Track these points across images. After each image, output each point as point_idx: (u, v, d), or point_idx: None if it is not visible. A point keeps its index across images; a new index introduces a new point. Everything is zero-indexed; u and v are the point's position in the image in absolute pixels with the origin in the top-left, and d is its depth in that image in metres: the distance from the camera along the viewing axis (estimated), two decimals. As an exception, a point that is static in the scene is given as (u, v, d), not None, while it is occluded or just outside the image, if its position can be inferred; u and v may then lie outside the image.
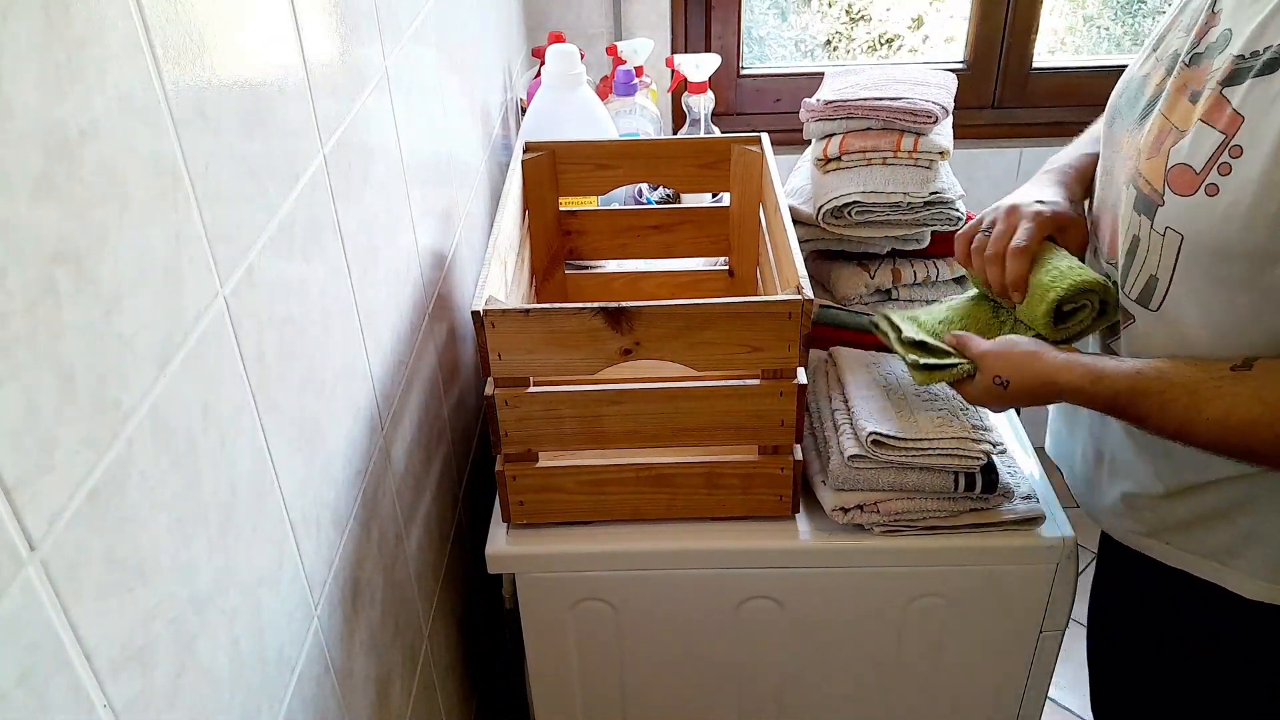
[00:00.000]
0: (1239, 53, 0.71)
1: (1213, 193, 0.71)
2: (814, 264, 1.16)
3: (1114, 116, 0.88)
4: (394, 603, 0.87)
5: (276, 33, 0.63)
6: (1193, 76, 0.76)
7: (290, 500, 0.64)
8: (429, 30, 1.02)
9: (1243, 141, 0.69)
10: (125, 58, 0.45)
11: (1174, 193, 0.74)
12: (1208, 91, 0.73)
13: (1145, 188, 0.77)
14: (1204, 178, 0.71)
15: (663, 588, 1.00)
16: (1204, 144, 0.71)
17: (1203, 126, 0.72)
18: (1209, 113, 0.72)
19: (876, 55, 2.18)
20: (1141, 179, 0.78)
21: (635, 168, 1.17)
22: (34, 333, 0.38)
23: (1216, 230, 0.71)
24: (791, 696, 1.08)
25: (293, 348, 0.65)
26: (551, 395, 0.89)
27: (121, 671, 0.44)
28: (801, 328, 0.85)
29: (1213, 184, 0.71)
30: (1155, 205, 0.76)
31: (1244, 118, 0.69)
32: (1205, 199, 0.71)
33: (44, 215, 0.39)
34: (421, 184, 0.97)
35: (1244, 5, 0.73)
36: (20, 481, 0.38)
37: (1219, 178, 0.70)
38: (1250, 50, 0.70)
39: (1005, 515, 0.94)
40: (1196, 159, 0.72)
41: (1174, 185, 0.74)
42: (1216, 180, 0.71)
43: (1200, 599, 0.84)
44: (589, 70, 1.41)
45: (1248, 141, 0.69)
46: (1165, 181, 0.74)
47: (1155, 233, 0.76)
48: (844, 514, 0.94)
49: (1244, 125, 0.69)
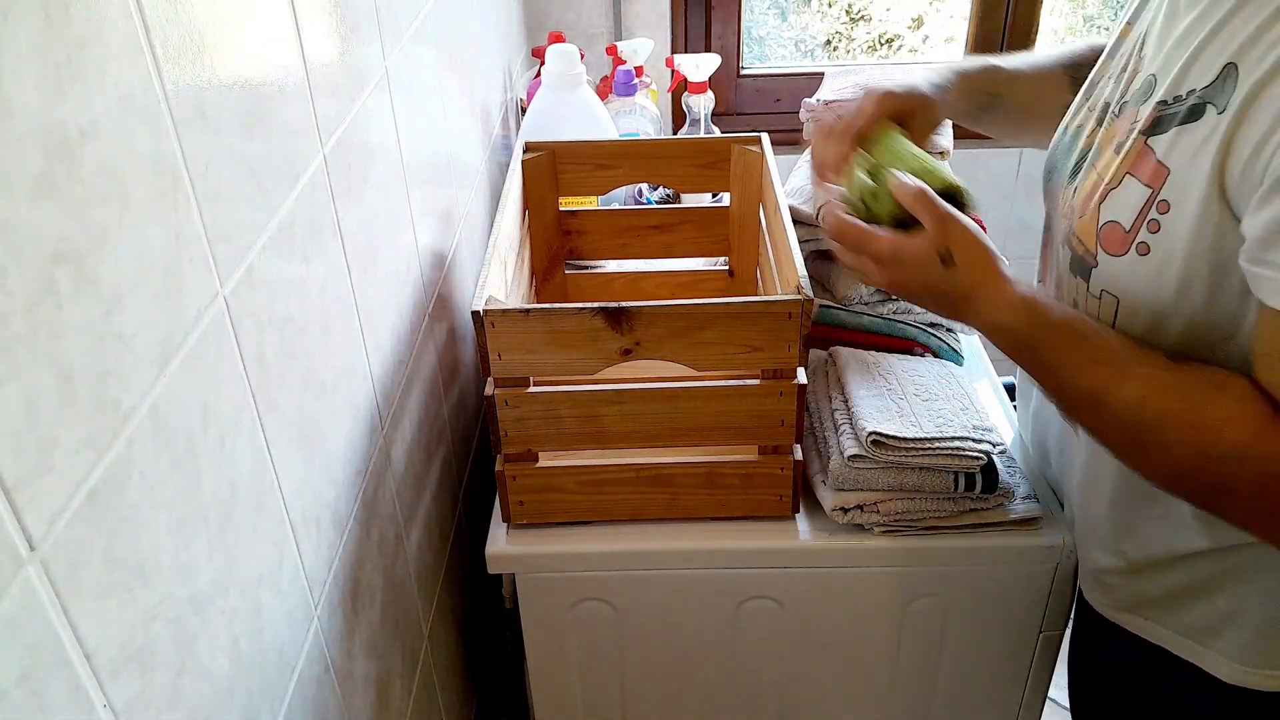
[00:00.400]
0: (1162, 99, 0.66)
1: (1144, 252, 0.66)
2: (814, 264, 1.16)
3: (1050, 170, 0.83)
4: (394, 603, 0.87)
5: (276, 33, 0.63)
6: (1119, 127, 0.71)
7: (290, 500, 0.64)
8: (429, 30, 1.02)
9: (1170, 196, 0.64)
10: (125, 58, 0.45)
11: (1106, 253, 0.69)
12: (1131, 141, 0.68)
13: (1079, 248, 0.72)
14: (1134, 236, 0.66)
15: (663, 588, 1.00)
16: (1131, 199, 0.66)
17: (1130, 180, 0.67)
18: (1135, 165, 0.67)
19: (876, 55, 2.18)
20: (1075, 239, 0.73)
21: (635, 168, 1.17)
22: (34, 333, 0.38)
23: (1151, 293, 0.66)
24: (791, 696, 1.08)
25: (293, 348, 0.65)
26: (551, 395, 0.89)
27: (121, 671, 0.44)
28: (801, 328, 0.85)
29: (1143, 242, 0.66)
30: (1089, 267, 0.71)
31: (1169, 169, 0.64)
32: (1137, 259, 0.66)
33: (44, 215, 0.39)
34: (421, 184, 0.98)
35: (1167, 49, 0.67)
36: (20, 481, 0.38)
37: (1149, 235, 0.65)
38: (1173, 95, 0.65)
39: (1005, 516, 0.94)
40: (1125, 216, 0.67)
41: (1106, 245, 0.69)
42: (1147, 238, 0.65)
43: (1178, 675, 0.78)
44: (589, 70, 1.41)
45: (1175, 196, 0.63)
46: (1097, 241, 0.69)
47: (1092, 296, 0.71)
48: (844, 514, 0.94)
49: (1170, 178, 0.64)
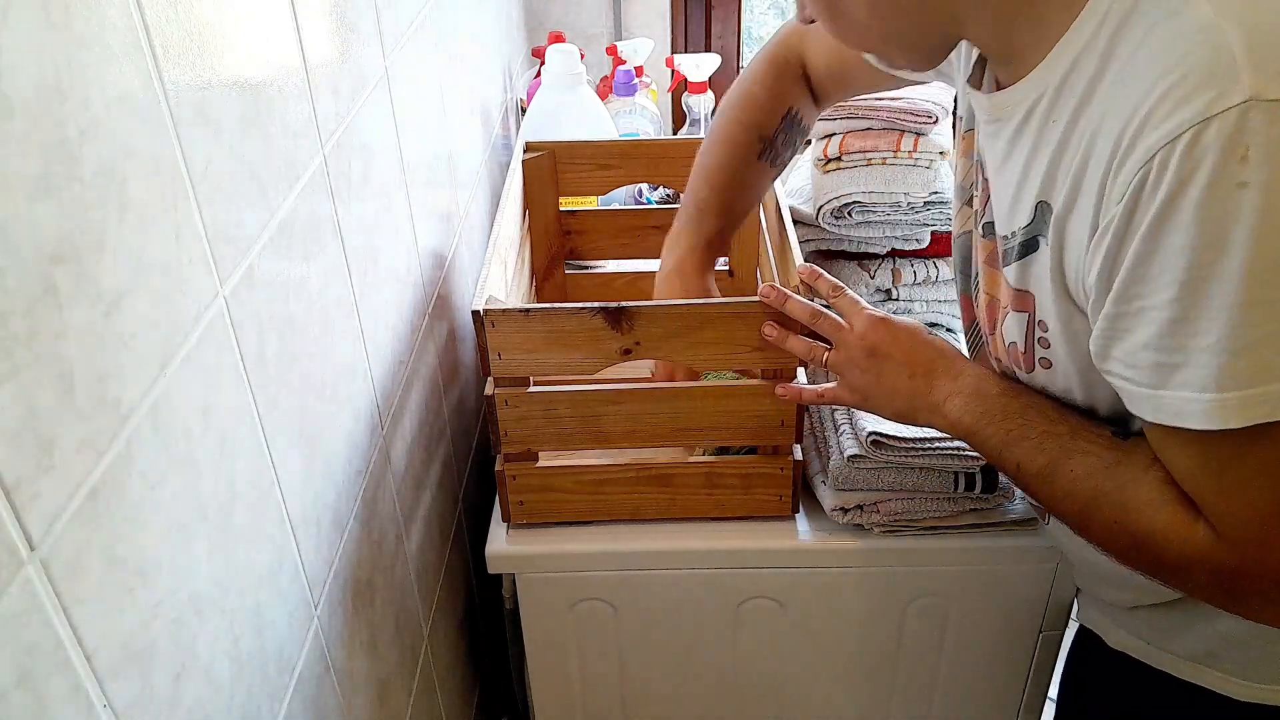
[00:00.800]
0: (1003, 234, 0.68)
1: (1047, 366, 0.68)
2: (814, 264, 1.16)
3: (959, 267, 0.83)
4: (394, 603, 0.87)
5: (276, 33, 0.63)
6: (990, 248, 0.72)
7: (290, 500, 0.64)
8: (429, 30, 1.02)
9: (1043, 316, 0.65)
10: (125, 58, 0.45)
11: (1020, 369, 0.71)
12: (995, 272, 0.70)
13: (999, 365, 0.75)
14: (1032, 355, 0.68)
15: (663, 588, 1.00)
16: (1018, 323, 0.68)
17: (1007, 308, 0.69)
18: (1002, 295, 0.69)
19: (876, 55, 2.18)
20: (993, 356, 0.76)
21: (635, 168, 1.17)
22: (34, 333, 0.38)
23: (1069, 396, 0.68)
24: (791, 696, 1.08)
25: (293, 348, 0.65)
26: (551, 395, 0.89)
27: (121, 672, 0.44)
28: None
29: (1044, 358, 0.68)
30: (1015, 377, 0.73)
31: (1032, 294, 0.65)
32: (1044, 373, 0.68)
33: (44, 215, 0.39)
34: (421, 184, 0.97)
35: (995, 189, 0.69)
36: (20, 481, 0.38)
37: (1045, 351, 0.67)
38: (1009, 231, 0.66)
39: (1005, 515, 0.94)
40: (1019, 338, 0.69)
41: (1016, 363, 0.71)
42: (1044, 354, 0.67)
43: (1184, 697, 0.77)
44: (589, 70, 1.41)
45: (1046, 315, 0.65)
46: (1010, 360, 0.71)
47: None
48: (844, 514, 0.94)
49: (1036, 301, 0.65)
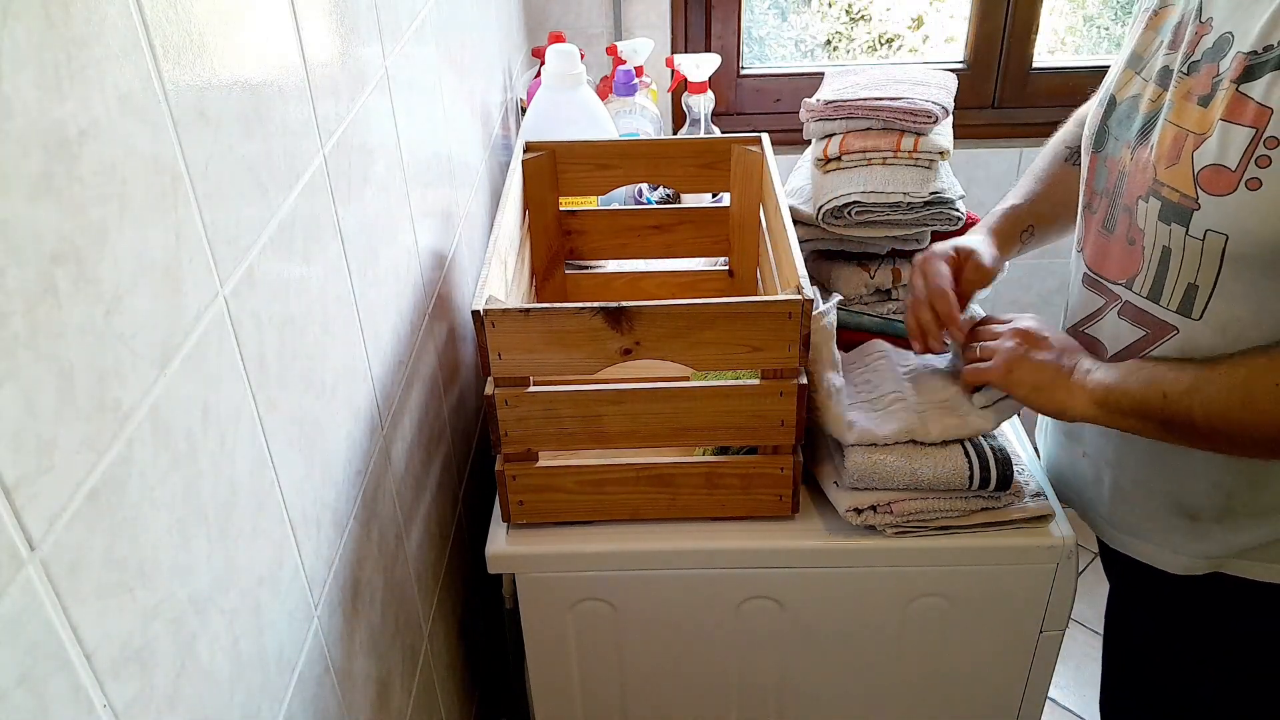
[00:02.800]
0: (1250, 49, 0.71)
1: (1255, 187, 0.71)
2: (814, 264, 1.16)
3: (1100, 140, 0.88)
4: (394, 603, 0.87)
5: (276, 33, 0.63)
6: (1195, 83, 0.76)
7: (290, 500, 0.64)
8: (429, 30, 1.02)
9: (1277, 131, 0.69)
10: (125, 58, 0.45)
11: (1209, 194, 0.74)
12: (1221, 93, 0.73)
13: (1173, 195, 0.77)
14: (1241, 174, 0.71)
15: (663, 588, 1.00)
16: (1233, 141, 0.72)
17: (1227, 125, 0.72)
18: (1230, 111, 0.72)
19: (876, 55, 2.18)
20: (1165, 188, 0.77)
21: (635, 168, 1.17)
22: (34, 333, 0.38)
23: (1264, 224, 0.71)
24: (791, 696, 1.08)
25: (293, 348, 0.65)
26: (551, 395, 0.89)
27: (121, 671, 0.44)
28: (801, 328, 0.85)
29: (1253, 178, 0.71)
30: (1189, 210, 0.75)
31: (1272, 109, 0.69)
32: (1248, 194, 0.71)
33: (44, 215, 0.39)
34: (421, 184, 0.97)
35: (1242, 7, 0.73)
36: (20, 481, 0.38)
37: (1259, 170, 0.71)
38: (1263, 45, 0.71)
39: (1016, 514, 0.94)
40: (1228, 157, 0.72)
41: (1207, 187, 0.74)
42: (1257, 174, 0.71)
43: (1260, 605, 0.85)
44: (589, 70, 1.41)
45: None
46: (1196, 185, 0.74)
47: (1192, 239, 0.76)
48: (858, 515, 0.94)
49: (1274, 116, 0.69)
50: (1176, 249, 0.78)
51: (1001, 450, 0.92)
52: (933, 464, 0.91)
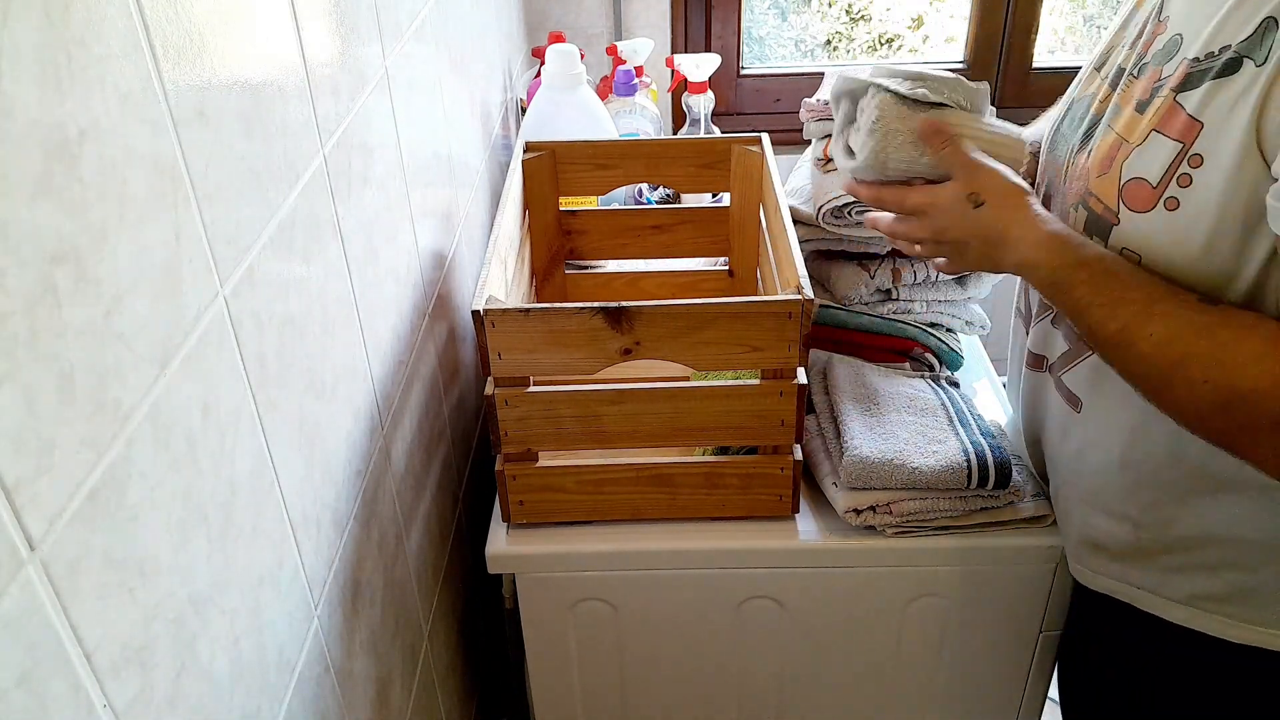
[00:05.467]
0: (1194, 55, 0.66)
1: (1172, 206, 0.67)
2: (814, 264, 1.16)
3: (1056, 141, 0.84)
4: (394, 603, 0.87)
5: (276, 33, 0.63)
6: (1140, 87, 0.72)
7: (290, 500, 0.64)
8: (429, 30, 1.02)
9: (1202, 149, 0.64)
10: (125, 58, 0.45)
11: (1129, 209, 0.69)
12: (1159, 100, 0.68)
13: (1098, 206, 0.73)
14: (1162, 191, 0.67)
15: (663, 588, 1.00)
16: (1159, 154, 0.67)
17: (1157, 136, 0.68)
18: (1163, 121, 0.67)
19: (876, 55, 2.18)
20: (1093, 198, 0.73)
21: (635, 168, 1.17)
22: (34, 333, 0.38)
23: (1175, 248, 0.67)
24: (791, 696, 1.08)
25: (293, 348, 0.65)
26: (551, 395, 0.89)
27: (121, 671, 0.44)
28: (801, 328, 0.85)
29: (1172, 197, 0.66)
30: (1109, 225, 0.71)
31: (1203, 123, 0.64)
32: (1165, 214, 0.67)
33: (44, 215, 0.39)
34: (421, 184, 0.98)
35: (1196, 7, 0.68)
36: (20, 481, 0.38)
37: (1178, 190, 0.66)
38: (1206, 52, 0.65)
39: (1016, 514, 0.94)
40: (1152, 172, 0.68)
41: (1129, 201, 0.69)
42: (1176, 193, 0.66)
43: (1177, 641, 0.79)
44: (589, 70, 1.41)
45: (1208, 148, 0.64)
46: (1120, 198, 0.70)
47: None
48: (857, 515, 0.94)
49: (1203, 131, 0.64)
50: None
51: (1000, 450, 0.92)
52: (931, 463, 0.91)
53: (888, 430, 0.95)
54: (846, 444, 0.93)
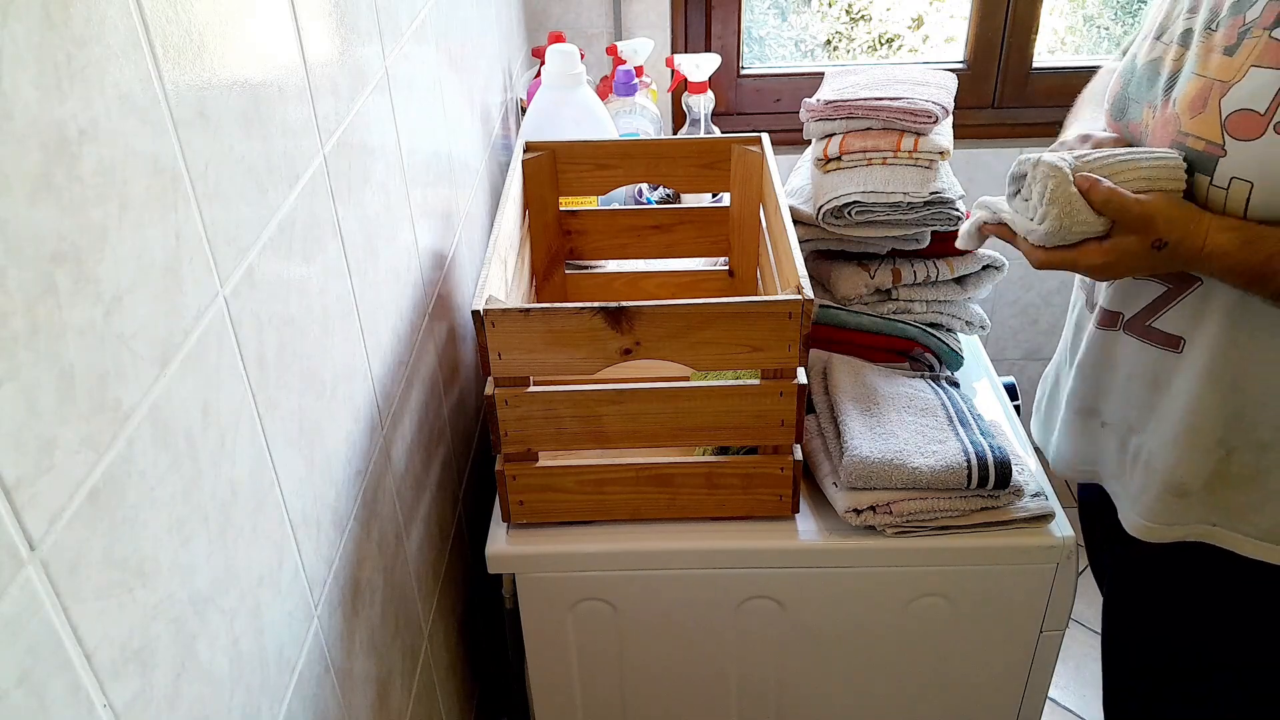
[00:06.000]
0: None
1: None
2: (814, 264, 1.16)
3: (1120, 108, 0.87)
4: (394, 603, 0.87)
5: (276, 33, 0.63)
6: (1222, 35, 0.75)
7: (290, 500, 0.64)
8: (429, 30, 1.02)
9: None
10: (125, 58, 0.45)
11: (1236, 139, 0.73)
12: (1250, 40, 0.72)
13: (1198, 145, 0.76)
14: (1270, 118, 0.71)
15: (663, 588, 1.00)
16: (1263, 86, 0.71)
17: (1258, 70, 0.72)
18: (1262, 57, 0.71)
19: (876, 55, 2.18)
20: (1190, 138, 0.77)
21: (635, 168, 1.17)
22: (34, 333, 0.38)
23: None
24: (791, 696, 1.08)
25: (293, 348, 0.65)
26: (551, 395, 0.89)
27: (121, 671, 0.44)
28: (801, 328, 0.85)
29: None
30: (1214, 158, 0.75)
31: None
32: (1277, 139, 0.71)
33: (43, 215, 0.39)
34: (421, 184, 0.98)
35: None
36: (20, 481, 0.38)
37: None
38: None
39: (1016, 514, 0.95)
40: (1259, 102, 0.71)
41: (1235, 132, 0.73)
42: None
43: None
44: (589, 70, 1.41)
45: None
46: (1224, 131, 0.74)
47: (1216, 188, 0.75)
48: (857, 515, 0.94)
49: None
50: (1201, 199, 0.77)
51: (1000, 450, 0.92)
52: (931, 463, 0.91)
53: (888, 430, 0.95)
54: (846, 444, 0.93)
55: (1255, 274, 0.75)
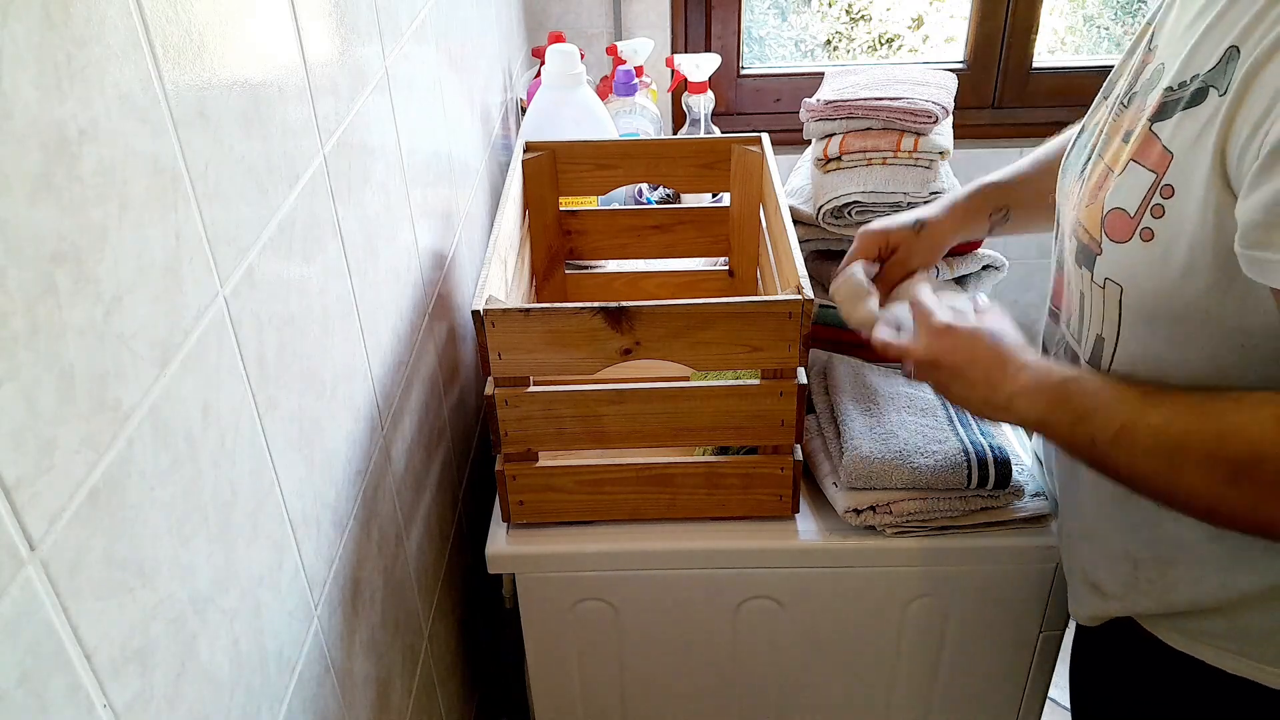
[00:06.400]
0: (1168, 85, 0.66)
1: (1147, 237, 0.66)
2: (814, 264, 1.16)
3: (1064, 171, 0.84)
4: (394, 603, 0.87)
5: (276, 33, 0.63)
6: (1129, 117, 0.72)
7: (290, 500, 0.64)
8: (429, 30, 1.02)
9: (1173, 180, 0.64)
10: (125, 58, 0.45)
11: (1110, 240, 0.69)
12: (1139, 129, 0.68)
13: (1084, 237, 0.73)
14: (1138, 221, 0.67)
15: (663, 588, 1.00)
16: (1136, 185, 0.67)
17: (1134, 166, 0.67)
18: (1140, 151, 0.67)
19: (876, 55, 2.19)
20: (1081, 228, 0.73)
21: (635, 168, 1.17)
22: (34, 333, 0.38)
23: (1151, 279, 0.67)
24: (791, 696, 1.08)
25: (293, 348, 0.65)
26: (551, 395, 0.89)
27: (121, 671, 0.44)
28: (801, 328, 0.85)
29: (1147, 228, 0.66)
30: (1094, 255, 0.71)
31: (1173, 154, 0.64)
32: (1140, 245, 0.67)
33: (43, 215, 0.39)
34: (421, 184, 0.98)
35: (1176, 37, 0.68)
36: (20, 481, 0.38)
37: (1152, 221, 0.66)
38: (1179, 81, 0.65)
39: (1016, 513, 0.95)
40: (1130, 202, 0.67)
41: (1110, 232, 0.69)
42: (1150, 224, 0.66)
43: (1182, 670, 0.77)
44: (589, 70, 1.41)
45: (1178, 179, 0.64)
46: (1102, 229, 0.70)
47: (1095, 285, 0.72)
48: (857, 515, 0.94)
49: (1174, 162, 0.64)
50: (1087, 295, 0.74)
51: (1000, 450, 0.92)
52: (931, 463, 0.91)
53: (888, 430, 0.95)
54: (846, 444, 0.94)
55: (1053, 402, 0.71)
